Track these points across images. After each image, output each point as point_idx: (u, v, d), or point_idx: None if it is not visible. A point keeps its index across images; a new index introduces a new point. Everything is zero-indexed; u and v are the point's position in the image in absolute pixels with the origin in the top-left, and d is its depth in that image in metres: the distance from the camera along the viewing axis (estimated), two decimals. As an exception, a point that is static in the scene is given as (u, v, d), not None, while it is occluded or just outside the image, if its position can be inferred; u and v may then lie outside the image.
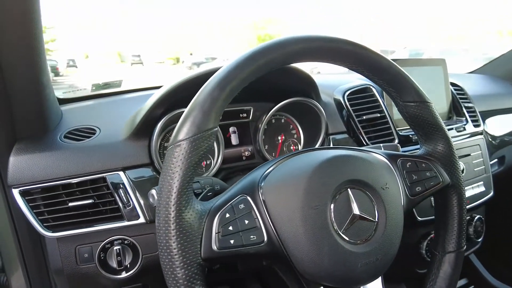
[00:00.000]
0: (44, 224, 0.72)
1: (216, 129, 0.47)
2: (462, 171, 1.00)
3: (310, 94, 0.98)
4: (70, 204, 0.73)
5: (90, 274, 0.76)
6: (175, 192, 0.43)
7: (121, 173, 0.78)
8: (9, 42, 0.63)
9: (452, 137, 1.08)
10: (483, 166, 1.10)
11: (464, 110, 1.15)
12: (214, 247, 0.45)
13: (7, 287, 1.06)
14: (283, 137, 1.04)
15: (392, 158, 0.63)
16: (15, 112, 0.73)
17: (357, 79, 1.09)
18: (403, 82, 0.60)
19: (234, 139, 1.00)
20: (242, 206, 0.49)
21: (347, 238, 0.50)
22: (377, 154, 0.62)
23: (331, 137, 1.00)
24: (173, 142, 0.44)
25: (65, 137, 0.81)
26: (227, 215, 0.47)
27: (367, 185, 0.53)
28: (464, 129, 1.11)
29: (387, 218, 0.53)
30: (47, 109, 0.80)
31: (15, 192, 0.71)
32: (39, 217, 0.72)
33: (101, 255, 0.76)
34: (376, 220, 0.53)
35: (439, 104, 1.14)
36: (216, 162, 0.93)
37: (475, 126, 1.14)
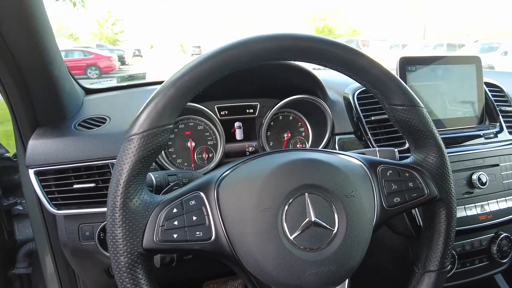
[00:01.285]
0: (53, 203, 0.81)
1: (171, 126, 0.48)
2: (484, 183, 0.91)
3: (315, 91, 0.95)
4: (75, 186, 0.80)
5: (90, 251, 0.84)
6: (121, 184, 0.46)
7: None
8: (18, 42, 0.71)
9: (478, 144, 1.01)
10: (517, 179, 0.98)
11: (500, 115, 1.03)
12: (156, 239, 0.47)
13: (35, 252, 1.20)
14: (289, 134, 1.02)
15: (372, 164, 0.59)
16: (33, 101, 0.83)
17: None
18: (388, 83, 0.56)
19: (239, 134, 1.01)
20: (193, 202, 0.50)
21: (297, 244, 0.49)
22: (354, 160, 0.59)
23: (337, 137, 0.96)
24: (126, 136, 0.47)
25: (79, 125, 0.89)
26: (175, 210, 0.49)
27: (327, 191, 0.51)
28: (495, 136, 1.00)
29: (348, 228, 0.51)
30: (64, 99, 0.89)
31: (31, 172, 0.81)
32: (49, 196, 0.81)
33: (101, 235, 0.83)
34: (335, 229, 0.51)
35: (468, 107, 1.03)
36: (217, 156, 0.95)
37: (511, 133, 1.02)
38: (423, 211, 0.63)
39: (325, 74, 1.21)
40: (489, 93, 1.06)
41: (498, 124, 1.03)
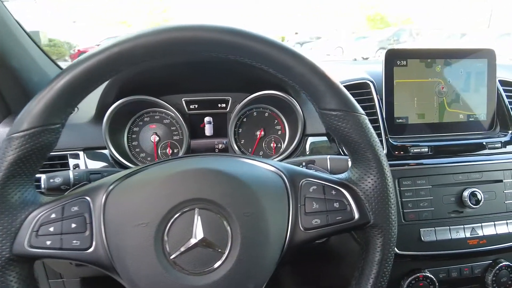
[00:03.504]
0: None
1: (57, 125, 0.44)
2: (478, 202, 0.76)
3: (285, 87, 0.86)
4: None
5: None
6: None
7: (81, 153, 0.83)
8: None
9: (479, 154, 0.84)
10: (525, 199, 0.82)
11: (514, 121, 0.86)
12: (26, 245, 0.44)
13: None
14: (263, 132, 0.94)
15: (294, 176, 0.51)
16: (1, 91, 0.84)
17: (363, 72, 0.91)
18: (317, 83, 0.47)
19: (208, 130, 0.95)
20: (75, 208, 0.46)
21: (179, 265, 0.43)
22: (273, 169, 0.51)
23: (309, 138, 0.87)
24: (7, 134, 0.44)
25: None
26: (53, 215, 0.45)
27: (222, 208, 0.45)
28: (503, 146, 0.83)
29: (242, 252, 0.44)
30: (32, 89, 0.89)
31: None
32: None
33: None
34: (226, 251, 0.44)
35: (474, 110, 0.87)
36: (181, 152, 0.90)
37: (526, 143, 0.85)
38: (357, 235, 0.54)
39: None
40: (504, 94, 0.89)
41: (510, 132, 0.86)
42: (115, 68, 0.44)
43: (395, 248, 0.75)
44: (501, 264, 0.81)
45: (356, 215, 0.49)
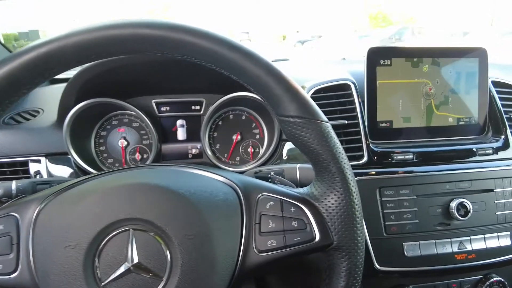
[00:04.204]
0: None
1: None
2: (466, 213, 0.70)
3: None
4: None
5: None
6: None
7: (43, 159, 0.77)
8: None
9: (470, 161, 0.76)
10: (517, 210, 0.75)
11: (508, 125, 0.80)
12: None
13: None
14: (239, 136, 0.89)
15: (250, 191, 0.45)
16: None
17: (346, 72, 0.85)
18: (273, 85, 0.41)
19: (180, 134, 0.89)
20: (0, 227, 0.41)
21: None
22: (227, 182, 0.46)
23: (286, 144, 0.81)
24: None
25: (11, 118, 0.84)
26: None
27: (159, 229, 0.39)
28: (495, 153, 0.77)
29: (181, 279, 0.38)
30: None
31: None
32: None
33: None
34: (163, 278, 0.38)
35: (464, 113, 0.81)
36: (150, 157, 0.85)
37: (520, 149, 0.79)
38: (320, 261, 0.48)
39: (287, 66, 1.05)
40: (496, 96, 0.82)
41: (503, 137, 0.80)
42: (43, 72, 0.38)
43: (376, 264, 0.71)
44: (492, 280, 0.75)
45: (317, 236, 0.43)
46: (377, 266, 0.70)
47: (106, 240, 0.38)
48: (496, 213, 0.74)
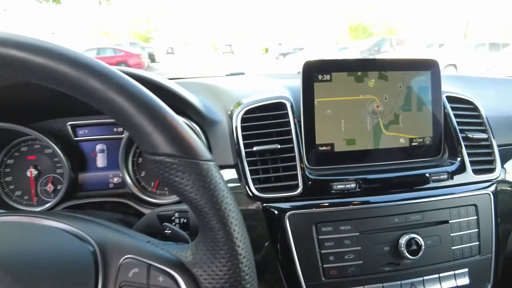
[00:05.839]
0: None
1: None
2: (418, 250, 0.61)
3: (184, 110, 0.70)
4: None
5: None
6: None
7: None
8: None
9: (422, 189, 0.65)
10: (477, 243, 0.66)
11: (463, 145, 0.71)
12: None
13: None
14: None
15: (112, 252, 0.34)
16: None
17: (283, 88, 0.76)
18: (136, 116, 0.30)
19: (100, 161, 0.78)
20: None
21: None
22: (80, 238, 0.34)
23: None
24: None
25: None
26: None
27: None
28: (450, 178, 0.68)
29: None
30: None
31: None
32: None
33: None
34: None
35: (416, 133, 0.72)
36: (63, 188, 0.72)
37: (478, 172, 0.70)
38: None
39: (237, 82, 0.96)
40: (451, 112, 0.74)
41: (459, 159, 0.71)
42: None
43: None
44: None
45: None
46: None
47: None
48: (452, 247, 0.64)
